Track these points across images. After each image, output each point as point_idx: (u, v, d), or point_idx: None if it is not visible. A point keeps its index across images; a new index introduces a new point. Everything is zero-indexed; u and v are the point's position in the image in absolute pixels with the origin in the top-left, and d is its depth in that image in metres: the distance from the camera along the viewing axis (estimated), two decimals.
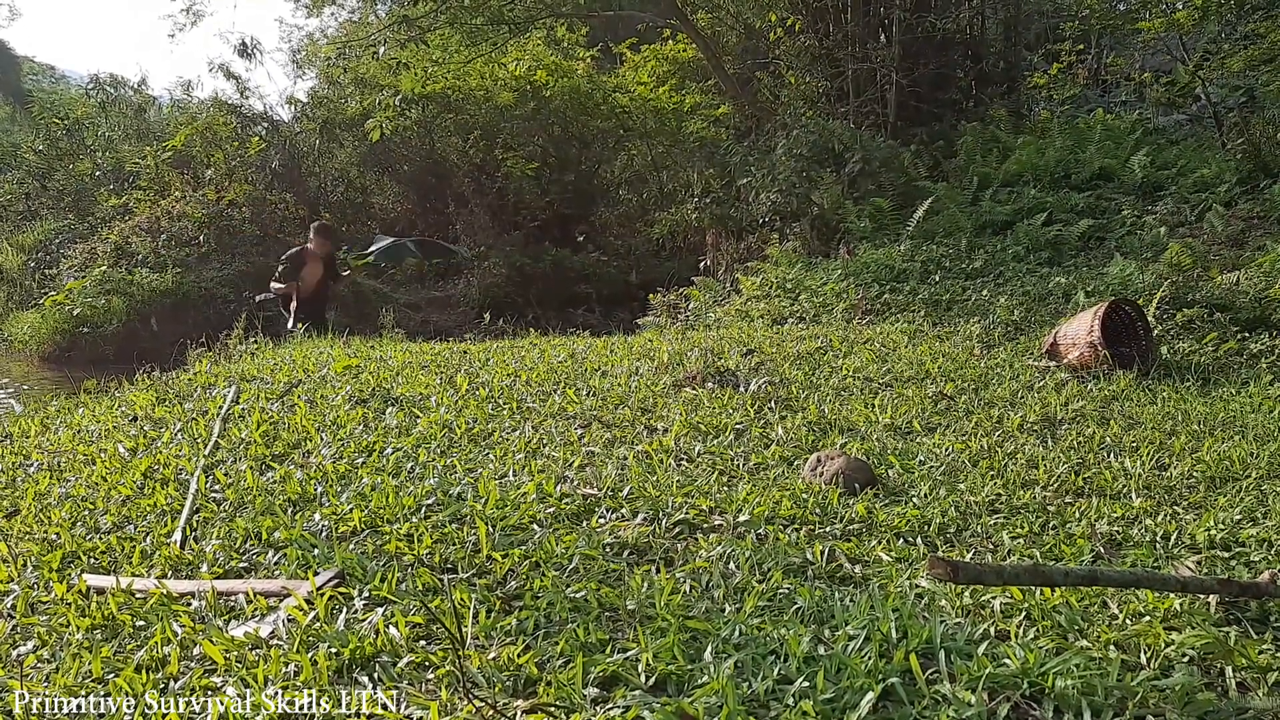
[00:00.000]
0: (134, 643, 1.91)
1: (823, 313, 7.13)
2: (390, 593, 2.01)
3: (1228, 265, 5.92)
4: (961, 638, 1.74)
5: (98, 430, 3.90)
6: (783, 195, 9.97)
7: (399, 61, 13.84)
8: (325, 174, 16.78)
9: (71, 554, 2.44)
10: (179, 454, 3.31)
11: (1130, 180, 8.21)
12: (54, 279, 13.94)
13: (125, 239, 13.65)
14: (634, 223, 14.60)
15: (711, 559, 2.19)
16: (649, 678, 1.65)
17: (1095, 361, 4.43)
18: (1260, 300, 5.19)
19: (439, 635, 1.84)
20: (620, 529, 2.41)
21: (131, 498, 2.86)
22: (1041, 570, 1.85)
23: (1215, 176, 7.82)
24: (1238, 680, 1.65)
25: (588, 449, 3.17)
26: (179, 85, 20.99)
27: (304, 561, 2.23)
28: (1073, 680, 1.59)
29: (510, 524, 2.42)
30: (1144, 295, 5.38)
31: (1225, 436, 3.36)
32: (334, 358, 5.33)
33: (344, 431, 3.48)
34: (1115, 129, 9.26)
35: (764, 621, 1.84)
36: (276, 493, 2.77)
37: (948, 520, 2.45)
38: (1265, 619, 1.87)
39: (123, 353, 11.13)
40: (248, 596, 2.05)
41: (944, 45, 11.31)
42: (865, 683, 1.57)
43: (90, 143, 17.40)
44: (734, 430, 3.43)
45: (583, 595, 1.96)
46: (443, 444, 3.29)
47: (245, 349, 6.39)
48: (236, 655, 1.80)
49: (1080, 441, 3.32)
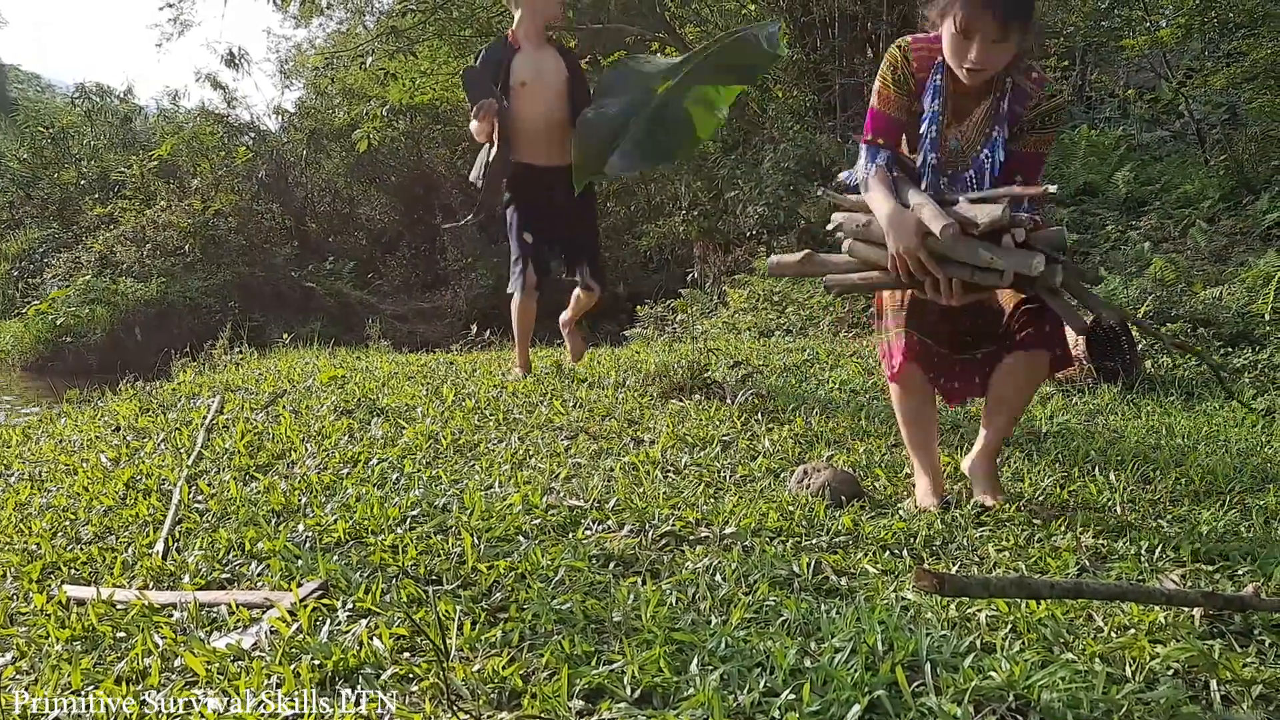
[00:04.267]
0: (114, 654, 1.89)
1: (809, 325, 7.15)
2: (374, 604, 2.00)
3: (1211, 280, 5.96)
4: (947, 650, 1.74)
5: (80, 440, 3.87)
6: (770, 208, 10.00)
7: (387, 72, 13.83)
8: (312, 184, 16.76)
9: (52, 565, 2.42)
10: (162, 464, 3.29)
11: (1114, 195, 8.27)
12: (37, 288, 13.87)
13: (110, 248, 13.59)
14: (621, 235, 14.61)
15: (698, 571, 2.18)
16: (634, 690, 1.64)
17: (1080, 375, 4.45)
18: (1243, 315, 5.22)
19: (423, 647, 1.82)
20: (606, 540, 2.40)
21: (113, 508, 2.83)
22: (1027, 583, 1.85)
23: (1198, 192, 7.89)
24: (1222, 693, 1.65)
25: (574, 460, 3.17)
26: (166, 95, 20.90)
27: (287, 573, 2.21)
28: (1058, 693, 1.59)
29: (496, 535, 2.41)
30: (1128, 310, 5.41)
31: (1209, 450, 3.38)
32: (319, 368, 5.31)
33: (329, 442, 3.46)
34: (1100, 145, 9.34)
35: (750, 634, 1.84)
36: (260, 503, 2.75)
37: (934, 533, 2.45)
38: (1249, 632, 1.87)
39: (106, 362, 11.07)
40: (230, 608, 2.03)
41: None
42: (852, 695, 1.57)
43: (75, 151, 17.32)
44: (721, 442, 3.43)
45: (568, 607, 1.95)
46: (428, 455, 3.28)
47: (230, 359, 6.36)
48: (218, 667, 1.78)
49: (1065, 455, 3.33)
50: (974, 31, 2.35)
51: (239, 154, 15.32)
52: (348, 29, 20.82)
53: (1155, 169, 8.74)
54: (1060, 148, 9.37)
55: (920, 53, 2.60)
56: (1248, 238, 6.93)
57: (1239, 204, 7.54)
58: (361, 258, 16.11)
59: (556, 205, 4.44)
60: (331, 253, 15.73)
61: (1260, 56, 7.93)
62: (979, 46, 2.37)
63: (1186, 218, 7.50)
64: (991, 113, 2.59)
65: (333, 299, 13.97)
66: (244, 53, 16.66)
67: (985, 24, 2.34)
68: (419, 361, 6.07)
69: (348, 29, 20.82)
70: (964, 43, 2.39)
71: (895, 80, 2.63)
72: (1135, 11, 9.36)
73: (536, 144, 4.45)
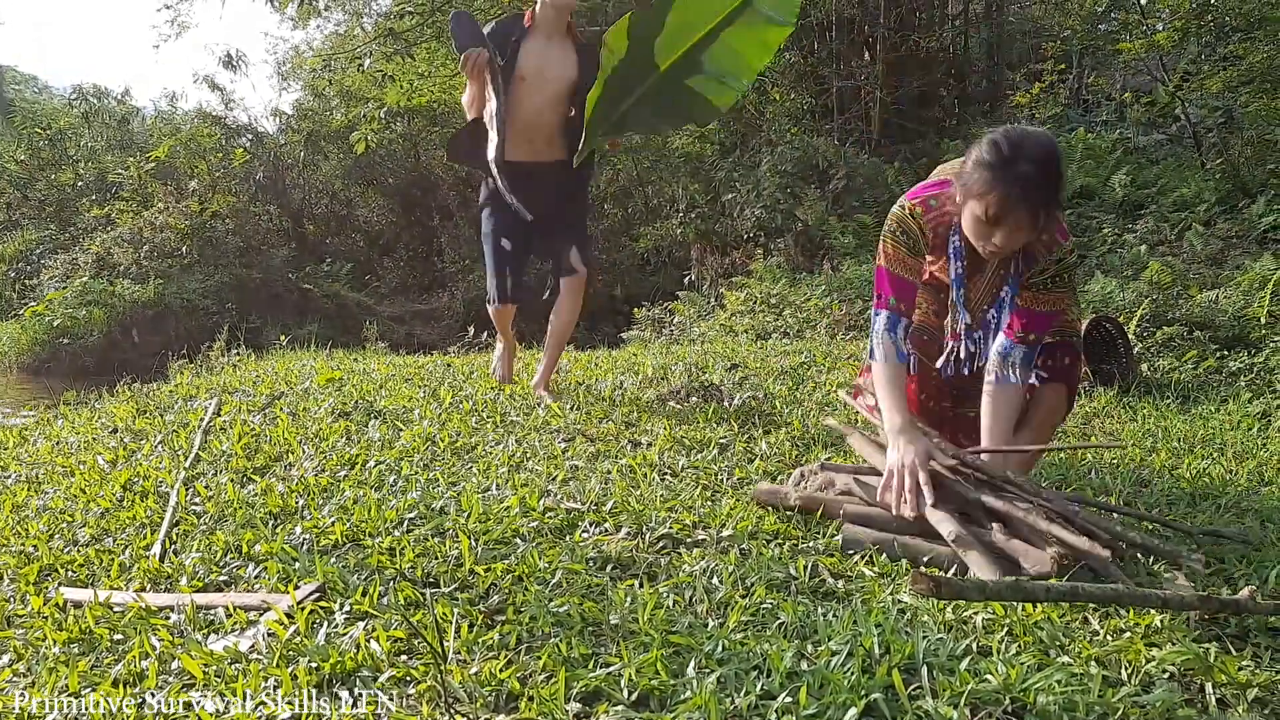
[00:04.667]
0: (111, 657, 1.89)
1: (806, 328, 7.15)
2: (372, 607, 2.00)
3: (1207, 284, 5.97)
4: (944, 653, 1.74)
5: (77, 442, 3.87)
6: (767, 211, 10.03)
7: (384, 74, 13.85)
8: (309, 186, 16.77)
9: (49, 567, 2.42)
10: (159, 466, 3.29)
11: (1111, 199, 8.29)
12: (34, 289, 13.85)
13: (107, 250, 13.58)
14: (619, 237, 14.62)
15: (695, 574, 2.18)
16: (631, 693, 1.64)
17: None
18: (1239, 318, 5.24)
19: (420, 650, 1.82)
20: (604, 543, 2.40)
21: (110, 510, 2.83)
22: (1023, 586, 1.85)
23: (1195, 196, 7.91)
24: (1217, 697, 1.65)
25: (571, 463, 3.17)
26: (163, 96, 20.92)
27: (285, 575, 2.21)
28: (1054, 696, 1.59)
29: (493, 538, 2.41)
30: (1125, 313, 5.43)
31: (1205, 454, 3.38)
32: (316, 370, 5.31)
33: (326, 444, 3.46)
34: (1096, 148, 9.35)
35: (747, 637, 1.84)
36: (257, 505, 2.75)
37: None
38: (1245, 635, 1.88)
39: (103, 364, 11.07)
40: (227, 610, 2.03)
41: (928, 64, 11.42)
42: (848, 698, 1.57)
43: (73, 153, 17.31)
44: (718, 445, 3.43)
45: (565, 610, 1.95)
46: (426, 457, 3.28)
47: (227, 361, 6.35)
48: (216, 669, 1.78)
49: (1062, 458, 3.33)
50: (1003, 220, 2.29)
51: (236, 156, 15.32)
52: (345, 31, 20.83)
53: (1152, 172, 8.75)
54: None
55: (930, 212, 2.55)
56: (1244, 241, 6.94)
57: (1235, 207, 7.56)
58: (359, 259, 16.13)
59: (543, 197, 4.13)
60: (329, 254, 15.74)
61: (1256, 60, 7.96)
62: (1005, 232, 2.31)
63: (1183, 221, 7.52)
64: (1002, 273, 2.56)
65: (330, 301, 13.97)
66: (242, 54, 16.71)
67: (1017, 215, 2.27)
68: (416, 363, 6.08)
69: (345, 31, 20.83)
70: (989, 229, 2.32)
71: (909, 245, 2.57)
72: (1132, 15, 9.39)
73: (519, 142, 4.10)
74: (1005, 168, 2.25)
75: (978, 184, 2.30)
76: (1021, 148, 2.25)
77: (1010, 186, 2.24)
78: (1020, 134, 2.29)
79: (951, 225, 2.53)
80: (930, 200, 2.56)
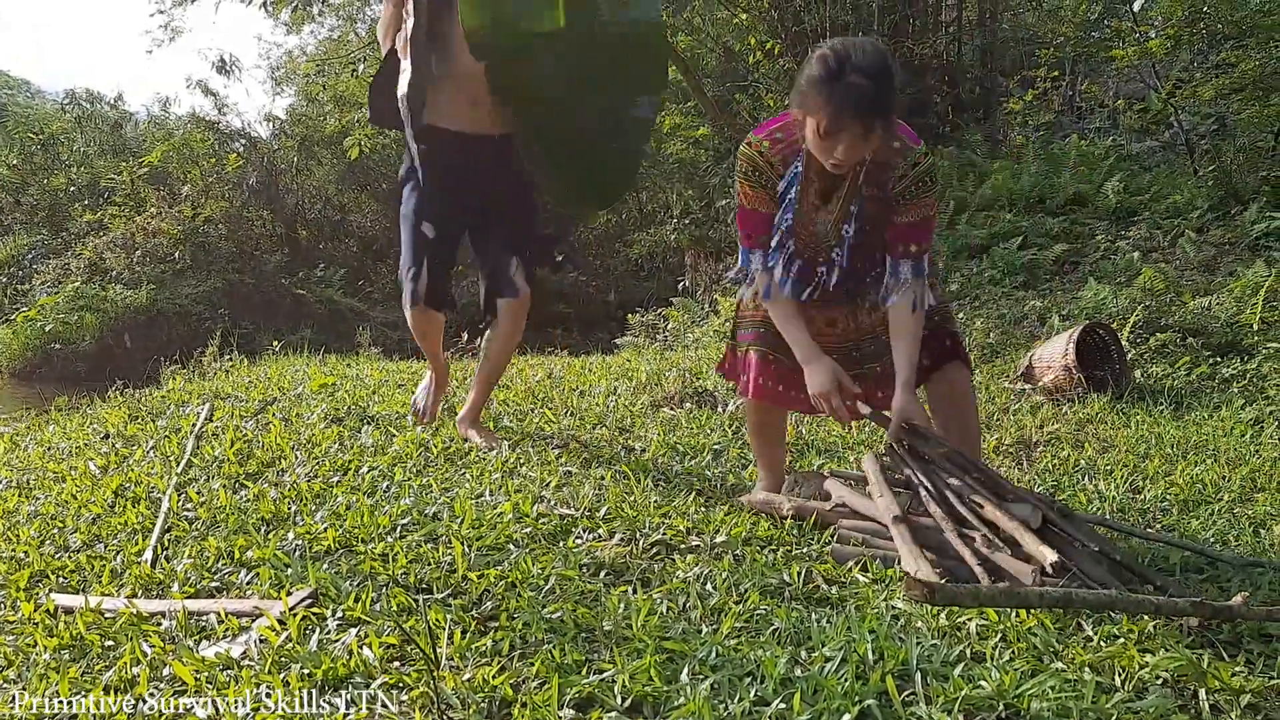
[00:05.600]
0: (102, 663, 1.89)
1: None
2: (364, 613, 1.99)
3: (1200, 290, 5.98)
4: (938, 659, 1.74)
5: (68, 447, 3.85)
6: None
7: None
8: (303, 191, 16.72)
9: (40, 573, 2.41)
10: (151, 472, 3.28)
11: (1104, 206, 8.30)
12: (26, 294, 13.79)
13: (99, 255, 13.53)
14: (612, 243, 14.62)
15: (689, 580, 2.18)
16: (625, 699, 1.64)
17: (1070, 384, 4.46)
18: (1232, 325, 5.24)
19: (413, 656, 1.82)
20: (597, 549, 2.40)
21: (102, 516, 2.82)
22: (1017, 592, 1.85)
23: (1187, 203, 7.92)
24: (1211, 703, 1.66)
25: (565, 469, 3.16)
26: (157, 101, 20.89)
27: (277, 581, 2.21)
28: (1048, 702, 1.59)
29: (486, 544, 2.40)
30: (1118, 319, 5.43)
31: (1198, 460, 3.39)
32: (309, 376, 5.30)
33: (319, 450, 3.45)
34: (1089, 155, 9.37)
35: (741, 643, 1.84)
36: (250, 511, 2.74)
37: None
38: (1238, 641, 1.88)
39: (96, 369, 11.01)
40: (219, 616, 2.03)
41: (921, 71, 11.43)
42: (842, 704, 1.57)
43: (65, 158, 17.25)
44: (712, 450, 3.43)
45: (559, 616, 1.95)
46: (419, 463, 3.27)
47: (220, 366, 6.33)
48: (207, 676, 1.77)
49: (1056, 464, 3.34)
50: (838, 134, 2.28)
51: (230, 161, 15.27)
52: (339, 36, 20.81)
53: (1144, 179, 8.76)
54: (1050, 158, 9.41)
55: (777, 145, 2.53)
56: (1236, 248, 6.95)
57: (1227, 214, 7.57)
58: (352, 265, 16.07)
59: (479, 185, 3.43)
60: (322, 260, 15.68)
61: (1248, 68, 7.98)
62: (844, 146, 2.30)
63: (1175, 228, 7.53)
64: (851, 188, 2.53)
65: (323, 306, 13.92)
66: (235, 59, 16.64)
67: (849, 126, 2.26)
68: (409, 369, 6.07)
69: (339, 36, 20.81)
70: (828, 143, 2.31)
71: (757, 180, 2.56)
72: (1125, 22, 9.41)
73: (458, 102, 3.28)
74: (834, 81, 2.24)
75: (811, 100, 2.30)
76: (849, 60, 2.24)
77: (842, 100, 2.23)
78: (848, 46, 2.29)
79: (799, 153, 2.52)
80: (776, 133, 2.54)
